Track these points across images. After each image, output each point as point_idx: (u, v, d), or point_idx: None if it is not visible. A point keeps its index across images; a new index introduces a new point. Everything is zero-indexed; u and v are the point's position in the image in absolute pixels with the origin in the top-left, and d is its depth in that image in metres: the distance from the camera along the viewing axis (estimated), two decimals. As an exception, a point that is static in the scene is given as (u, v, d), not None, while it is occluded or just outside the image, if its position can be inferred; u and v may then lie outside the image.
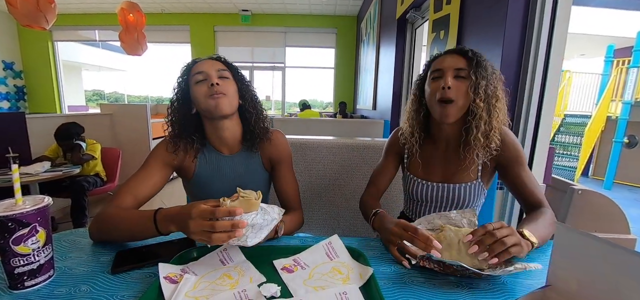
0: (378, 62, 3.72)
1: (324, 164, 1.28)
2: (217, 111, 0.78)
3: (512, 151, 0.82)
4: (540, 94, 1.28)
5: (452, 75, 0.78)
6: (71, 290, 0.52)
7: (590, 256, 0.41)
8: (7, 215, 0.47)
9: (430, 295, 0.54)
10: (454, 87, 0.77)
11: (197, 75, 0.79)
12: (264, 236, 0.60)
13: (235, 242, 0.55)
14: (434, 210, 0.91)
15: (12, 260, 0.49)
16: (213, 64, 0.82)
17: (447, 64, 0.80)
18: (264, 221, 0.60)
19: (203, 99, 0.78)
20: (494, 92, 0.78)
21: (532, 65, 1.26)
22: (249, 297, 0.50)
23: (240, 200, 0.58)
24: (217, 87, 0.77)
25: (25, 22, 2.38)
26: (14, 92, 5.76)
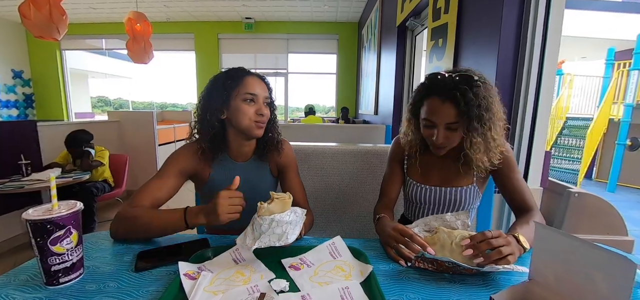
0: (379, 68, 3.78)
1: (327, 170, 1.33)
2: (256, 136, 0.88)
3: (506, 159, 0.86)
4: (535, 98, 1.33)
5: (443, 129, 0.80)
6: (100, 286, 0.58)
7: (565, 252, 0.46)
8: (47, 218, 0.53)
9: (426, 289, 0.59)
10: (446, 138, 0.81)
11: (248, 95, 0.84)
12: (299, 231, 0.67)
13: (277, 242, 0.62)
14: (432, 213, 0.97)
15: (49, 259, 0.55)
16: (262, 88, 0.87)
17: (438, 117, 0.79)
18: (297, 217, 0.67)
19: (247, 120, 0.85)
20: (486, 136, 0.79)
21: (527, 70, 1.31)
22: (260, 291, 0.55)
23: (276, 202, 0.65)
24: (265, 117, 0.86)
25: (37, 33, 2.48)
26: (23, 99, 5.89)
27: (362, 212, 1.35)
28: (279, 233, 0.63)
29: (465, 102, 0.75)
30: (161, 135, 3.88)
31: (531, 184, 1.43)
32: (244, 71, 0.88)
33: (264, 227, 0.63)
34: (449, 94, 0.77)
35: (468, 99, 0.75)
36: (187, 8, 5.25)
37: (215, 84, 0.86)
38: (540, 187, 1.49)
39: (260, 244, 0.61)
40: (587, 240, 0.42)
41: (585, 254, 0.43)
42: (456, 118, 0.78)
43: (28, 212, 0.54)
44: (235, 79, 0.85)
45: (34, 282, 0.58)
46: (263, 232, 0.63)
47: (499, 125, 0.82)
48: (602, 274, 0.41)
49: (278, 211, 0.64)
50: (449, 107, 0.78)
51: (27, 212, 0.54)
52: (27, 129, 2.66)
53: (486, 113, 0.78)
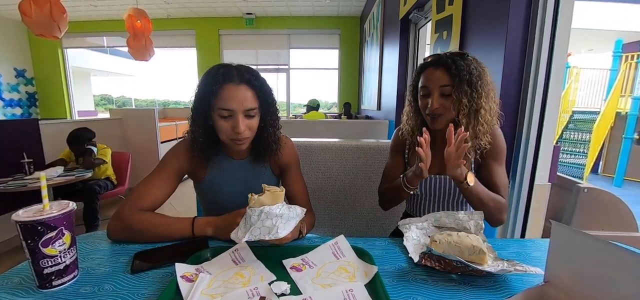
0: (382, 62, 3.73)
1: (330, 166, 1.30)
2: (236, 150, 0.83)
3: (494, 148, 0.88)
4: (544, 92, 1.29)
5: (438, 94, 0.85)
6: (95, 289, 0.56)
7: (585, 253, 0.43)
8: (37, 219, 0.51)
9: (433, 291, 0.56)
10: (441, 104, 0.85)
11: (223, 111, 0.75)
12: (292, 227, 0.64)
13: (267, 236, 0.60)
14: (433, 204, 0.96)
15: (41, 261, 0.53)
16: (242, 99, 0.75)
17: (433, 82, 0.86)
18: (290, 212, 0.64)
19: (224, 136, 0.78)
20: (477, 104, 0.84)
21: (535, 63, 1.27)
22: (260, 294, 0.53)
23: (266, 194, 0.63)
24: (243, 134, 0.76)
25: (38, 31, 2.46)
26: (26, 98, 5.91)
27: (366, 209, 1.33)
28: (268, 226, 0.61)
29: (456, 66, 0.82)
30: (163, 132, 3.87)
31: (539, 180, 1.40)
32: (224, 76, 0.75)
33: (253, 219, 0.61)
34: (441, 61, 0.85)
35: (459, 64, 0.82)
36: (188, 4, 5.21)
37: (201, 87, 0.78)
38: (548, 183, 1.45)
39: (250, 236, 0.60)
40: (609, 240, 0.39)
41: (607, 254, 0.40)
42: (449, 81, 0.83)
43: (18, 213, 0.52)
44: (214, 86, 0.75)
45: (27, 284, 0.57)
46: (253, 224, 0.61)
47: (491, 99, 0.86)
48: (625, 276, 0.38)
49: (269, 203, 0.63)
50: (441, 72, 0.84)
51: (17, 213, 0.52)
52: (29, 128, 2.65)
53: (478, 80, 0.83)
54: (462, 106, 0.83)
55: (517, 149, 1.38)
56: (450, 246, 0.65)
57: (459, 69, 0.82)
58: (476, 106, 0.84)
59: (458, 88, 0.82)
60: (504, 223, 0.97)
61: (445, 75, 0.84)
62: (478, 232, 0.72)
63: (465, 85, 0.82)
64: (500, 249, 0.73)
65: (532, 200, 1.42)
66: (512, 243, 0.79)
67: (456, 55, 0.85)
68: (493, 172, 0.89)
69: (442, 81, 0.84)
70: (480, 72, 0.85)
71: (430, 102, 0.85)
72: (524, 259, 0.69)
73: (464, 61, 0.84)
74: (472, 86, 0.83)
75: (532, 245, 0.78)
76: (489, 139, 0.86)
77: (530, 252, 0.74)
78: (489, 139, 0.87)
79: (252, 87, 0.78)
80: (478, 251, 0.64)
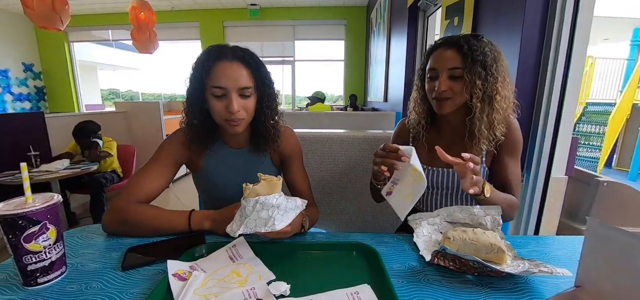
0: (389, 53, 3.63)
1: (335, 158, 1.25)
2: (231, 133, 0.78)
3: (510, 141, 0.82)
4: (563, 81, 1.21)
5: (446, 76, 0.78)
6: (82, 287, 0.52)
7: (628, 254, 0.37)
8: (18, 213, 0.47)
9: (447, 294, 0.51)
10: (449, 87, 0.78)
11: (216, 89, 0.71)
12: (290, 219, 0.60)
13: (263, 228, 0.56)
14: (441, 197, 0.90)
15: (24, 257, 0.49)
16: (236, 77, 0.71)
17: (442, 63, 0.79)
18: (289, 203, 0.60)
19: (219, 118, 0.74)
20: (492, 89, 0.77)
21: (554, 51, 1.19)
22: (257, 295, 0.48)
23: (262, 183, 0.59)
24: (237, 114, 0.72)
25: (41, 23, 2.45)
26: (35, 92, 5.97)
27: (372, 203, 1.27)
28: (264, 217, 0.57)
29: (469, 46, 0.75)
30: (168, 125, 3.86)
31: (555, 173, 1.32)
32: (215, 55, 0.72)
33: (248, 210, 0.57)
34: (452, 41, 0.78)
35: (472, 44, 0.76)
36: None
37: (194, 67, 0.74)
38: (565, 176, 1.38)
39: (245, 229, 0.56)
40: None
41: (657, 258, 0.35)
42: (460, 63, 0.76)
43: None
44: (205, 65, 0.71)
45: (13, 281, 0.53)
46: (248, 216, 0.57)
47: (507, 86, 0.79)
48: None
49: (264, 193, 0.58)
50: (452, 53, 0.77)
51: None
52: (36, 121, 2.66)
53: (493, 63, 0.76)
54: (476, 89, 0.76)
55: (532, 140, 1.31)
56: (465, 244, 0.60)
57: (471, 49, 0.75)
58: (491, 91, 0.77)
59: (470, 70, 0.76)
60: (513, 219, 0.92)
61: (457, 56, 0.77)
62: (495, 229, 0.67)
63: (479, 66, 0.75)
64: (518, 247, 0.67)
65: (547, 195, 1.35)
66: (531, 240, 0.73)
67: (469, 36, 0.79)
68: (507, 167, 0.83)
69: (452, 63, 0.77)
70: (496, 56, 0.78)
71: (438, 84, 0.78)
72: (545, 259, 0.63)
73: (477, 42, 0.77)
74: (486, 69, 0.76)
75: (554, 242, 0.72)
76: (503, 130, 0.80)
77: (551, 250, 0.68)
78: (503, 129, 0.80)
79: (246, 65, 0.74)
80: (496, 249, 0.58)
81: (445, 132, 0.91)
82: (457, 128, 0.87)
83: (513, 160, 0.84)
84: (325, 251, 0.64)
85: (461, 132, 0.86)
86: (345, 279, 0.54)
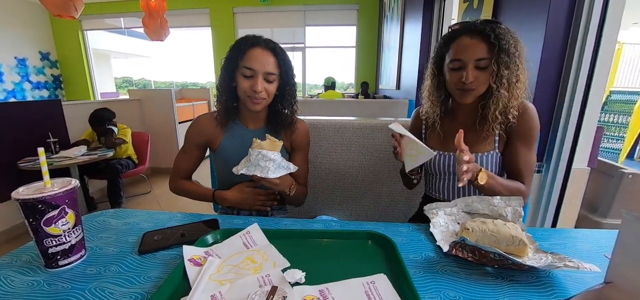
0: (402, 39, 3.53)
1: (348, 145, 1.23)
2: (251, 110, 0.87)
3: (525, 126, 0.80)
4: (591, 67, 1.15)
5: (473, 67, 0.75)
6: (101, 270, 0.53)
7: (669, 252, 0.35)
8: (37, 197, 0.48)
9: (466, 286, 0.50)
10: (475, 78, 0.76)
11: (246, 69, 0.82)
12: (281, 174, 0.75)
13: (259, 172, 0.72)
14: (453, 183, 0.89)
15: (45, 240, 0.50)
16: (265, 62, 0.83)
17: (468, 54, 0.75)
18: (282, 162, 0.76)
19: (243, 94, 0.85)
20: (516, 76, 0.75)
21: (583, 34, 1.12)
22: (273, 282, 0.48)
23: (267, 141, 0.74)
24: (259, 94, 0.83)
25: (56, 11, 2.48)
26: (52, 81, 6.12)
27: (385, 192, 1.26)
28: (262, 166, 0.73)
29: (495, 35, 0.73)
30: (181, 113, 3.90)
31: (577, 164, 1.27)
32: (251, 41, 0.84)
33: (252, 158, 0.73)
34: (478, 30, 0.75)
35: (498, 32, 0.74)
36: (202, -18, 5.10)
37: (230, 52, 0.87)
38: (587, 167, 1.32)
39: (246, 171, 0.73)
40: None
41: None
42: (487, 53, 0.74)
43: (18, 191, 0.49)
44: (240, 50, 0.83)
45: (36, 263, 0.55)
46: (251, 162, 0.73)
47: (522, 89, 0.78)
48: None
49: (267, 148, 0.73)
50: (479, 43, 0.75)
51: (17, 190, 0.49)
52: (53, 108, 2.73)
53: (515, 50, 0.75)
54: (503, 79, 0.74)
55: (554, 129, 1.25)
56: (484, 235, 0.58)
57: (498, 38, 0.73)
58: (514, 78, 0.75)
59: (497, 59, 0.73)
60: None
61: (483, 45, 0.74)
62: (516, 220, 0.64)
63: (505, 55, 0.73)
64: (540, 240, 0.65)
65: (568, 186, 1.30)
66: (553, 233, 0.70)
67: (492, 23, 0.76)
68: (519, 154, 0.81)
69: (479, 53, 0.74)
70: (516, 42, 0.76)
71: (466, 75, 0.75)
72: (568, 253, 0.60)
73: (499, 28, 0.75)
74: (510, 56, 0.74)
75: (577, 236, 0.69)
76: (515, 114, 0.78)
77: (575, 244, 0.65)
78: (515, 113, 0.78)
79: (275, 56, 0.85)
80: (518, 242, 0.56)
81: (459, 118, 0.89)
82: (471, 113, 0.86)
83: (525, 147, 0.81)
84: (339, 240, 0.63)
85: (474, 117, 0.85)
86: (361, 268, 0.53)
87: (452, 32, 0.81)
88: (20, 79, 5.57)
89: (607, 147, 5.26)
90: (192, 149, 0.96)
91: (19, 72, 5.54)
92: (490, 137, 0.83)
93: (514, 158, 0.81)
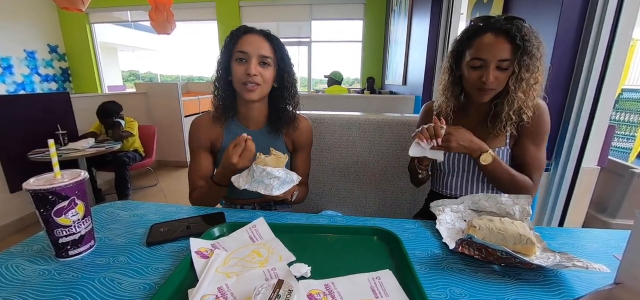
0: (410, 34, 3.49)
1: (352, 140, 1.23)
2: (247, 99, 0.83)
3: (536, 125, 0.79)
4: (604, 63, 1.12)
5: (494, 68, 0.74)
6: (110, 261, 0.54)
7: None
8: (47, 188, 0.49)
9: (472, 284, 0.49)
10: (496, 79, 0.74)
11: (239, 53, 0.80)
12: (285, 190, 0.72)
13: (262, 190, 0.69)
14: (462, 180, 0.89)
15: (56, 231, 0.51)
16: (258, 45, 0.80)
17: (492, 53, 0.73)
18: (287, 177, 0.73)
19: (238, 83, 0.82)
20: (535, 78, 0.74)
21: (596, 30, 1.09)
22: (278, 276, 0.48)
23: (272, 157, 0.71)
24: (253, 77, 0.80)
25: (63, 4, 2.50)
26: (60, 74, 6.19)
27: (391, 188, 1.25)
28: (266, 183, 0.70)
29: (521, 36, 0.71)
30: (187, 106, 3.92)
31: (587, 163, 1.25)
32: (244, 29, 0.82)
33: (256, 174, 0.70)
34: (504, 28, 0.72)
35: (523, 34, 0.71)
36: (208, -25, 5.09)
37: (223, 45, 0.84)
38: (597, 166, 1.30)
39: (249, 187, 0.70)
40: None
41: None
42: (510, 54, 0.72)
43: (29, 182, 0.50)
44: (233, 37, 0.82)
45: (47, 252, 0.56)
46: (254, 178, 0.70)
47: (539, 90, 0.77)
48: None
49: (272, 165, 0.70)
50: (503, 42, 0.72)
51: (28, 181, 0.50)
52: (62, 101, 2.76)
53: (537, 52, 0.73)
54: (522, 82, 0.73)
55: (564, 127, 1.23)
56: (491, 233, 0.57)
57: (524, 40, 0.71)
58: (534, 81, 0.75)
59: (520, 61, 0.72)
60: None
61: (507, 46, 0.72)
62: (524, 219, 0.64)
63: (527, 57, 0.72)
64: (547, 239, 0.64)
65: (576, 185, 1.28)
66: (561, 232, 0.69)
67: (518, 22, 0.73)
68: (528, 151, 0.81)
69: (503, 53, 0.72)
70: (538, 44, 0.74)
71: (487, 75, 0.73)
72: (577, 252, 0.59)
73: (524, 27, 0.73)
74: (532, 58, 0.73)
75: (586, 235, 0.68)
76: (530, 114, 0.77)
77: (583, 243, 0.64)
78: (530, 114, 0.77)
79: (269, 40, 0.83)
80: (525, 240, 0.55)
81: (471, 114, 0.88)
82: (484, 110, 0.85)
83: (534, 145, 0.81)
84: (345, 235, 0.63)
85: (487, 114, 0.84)
86: (366, 263, 0.53)
87: (474, 28, 0.77)
88: (29, 71, 5.64)
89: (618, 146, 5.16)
90: (199, 153, 0.91)
91: (28, 64, 5.61)
92: (501, 134, 0.83)
93: (522, 154, 0.81)
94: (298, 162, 0.97)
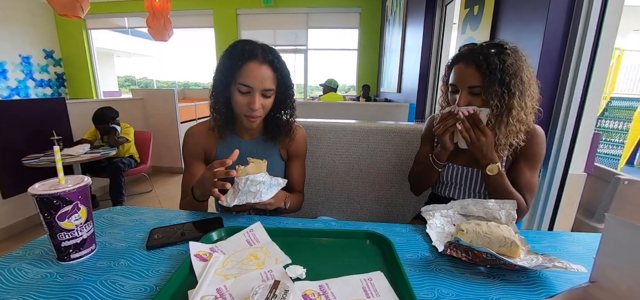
0: (404, 43, 3.56)
1: (347, 147, 1.26)
2: (247, 127, 0.85)
3: (531, 150, 0.83)
4: (588, 72, 1.17)
5: (466, 93, 0.80)
6: (111, 264, 0.56)
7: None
8: (52, 193, 0.50)
9: (459, 283, 0.52)
10: (469, 103, 0.80)
11: (242, 86, 0.78)
12: (274, 193, 0.73)
13: (252, 199, 0.70)
14: (462, 192, 0.93)
15: (59, 234, 0.53)
16: (262, 79, 0.78)
17: (461, 80, 0.80)
18: (272, 181, 0.73)
19: (239, 110, 0.82)
20: (510, 104, 0.76)
21: (580, 41, 1.15)
22: (275, 278, 0.50)
23: (251, 165, 0.71)
24: (257, 112, 0.80)
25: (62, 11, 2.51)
26: (55, 79, 6.17)
27: (385, 194, 1.28)
28: (253, 191, 0.70)
29: (487, 64, 0.75)
30: (183, 113, 3.93)
31: (574, 170, 1.29)
32: (248, 53, 0.78)
33: (240, 186, 0.70)
34: (472, 58, 0.78)
35: (491, 62, 0.75)
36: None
37: (224, 61, 0.81)
38: (583, 173, 1.34)
39: (238, 201, 0.70)
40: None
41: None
42: (479, 81, 0.77)
43: (34, 187, 0.52)
44: (237, 61, 0.78)
45: (49, 256, 0.57)
46: (240, 190, 0.70)
47: (528, 97, 0.78)
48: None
49: (253, 172, 0.70)
50: (471, 70, 0.78)
51: (33, 186, 0.52)
52: (57, 107, 2.76)
53: (512, 79, 0.75)
54: (492, 107, 0.77)
55: (551, 135, 1.27)
56: (478, 236, 0.60)
57: (490, 69, 0.75)
58: (508, 106, 0.77)
59: (487, 89, 0.76)
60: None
61: (476, 74, 0.78)
62: (509, 223, 0.67)
63: (497, 85, 0.75)
64: (533, 242, 0.67)
65: (564, 192, 1.32)
66: (545, 236, 0.72)
67: (492, 48, 0.78)
68: (523, 174, 0.84)
69: (471, 80, 0.79)
70: (517, 69, 0.76)
71: (458, 100, 0.81)
72: (560, 255, 0.63)
73: (498, 57, 0.76)
74: (504, 86, 0.76)
75: (569, 239, 0.71)
76: (522, 138, 0.81)
77: (566, 246, 0.67)
78: (522, 137, 0.81)
79: (273, 69, 0.81)
80: (510, 243, 0.58)
81: None
82: None
83: (529, 168, 0.84)
84: (339, 239, 0.65)
85: None
86: (359, 265, 0.56)
87: (454, 57, 0.85)
88: (24, 76, 5.62)
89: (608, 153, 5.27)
90: (193, 163, 0.90)
91: (23, 69, 5.58)
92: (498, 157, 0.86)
93: (517, 177, 0.84)
94: (293, 171, 0.98)
